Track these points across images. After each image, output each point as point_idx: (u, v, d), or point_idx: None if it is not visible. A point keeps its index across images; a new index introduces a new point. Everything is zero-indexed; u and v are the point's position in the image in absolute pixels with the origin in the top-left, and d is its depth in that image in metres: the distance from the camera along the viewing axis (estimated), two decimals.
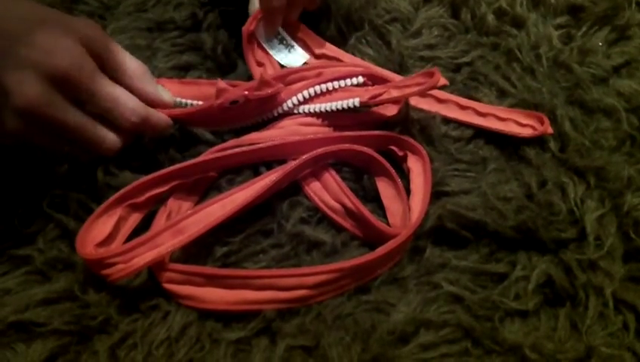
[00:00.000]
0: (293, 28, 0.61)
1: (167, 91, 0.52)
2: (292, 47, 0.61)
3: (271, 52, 0.60)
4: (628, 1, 0.67)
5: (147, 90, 0.50)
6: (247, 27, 0.58)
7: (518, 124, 0.57)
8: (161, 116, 0.51)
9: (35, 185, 0.51)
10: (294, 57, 0.61)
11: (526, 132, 0.57)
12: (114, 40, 0.49)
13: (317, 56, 0.62)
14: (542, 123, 0.57)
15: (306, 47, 0.62)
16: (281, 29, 0.60)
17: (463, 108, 0.58)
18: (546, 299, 0.51)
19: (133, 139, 0.51)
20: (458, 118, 0.58)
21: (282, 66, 0.60)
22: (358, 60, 0.62)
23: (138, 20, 0.62)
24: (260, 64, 0.59)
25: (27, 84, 0.43)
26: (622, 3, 0.67)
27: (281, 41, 0.60)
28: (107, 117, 0.48)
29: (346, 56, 0.62)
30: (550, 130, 0.57)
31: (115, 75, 0.48)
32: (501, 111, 0.58)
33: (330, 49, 0.62)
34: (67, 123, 0.45)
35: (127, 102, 0.48)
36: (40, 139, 0.46)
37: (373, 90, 0.54)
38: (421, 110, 0.57)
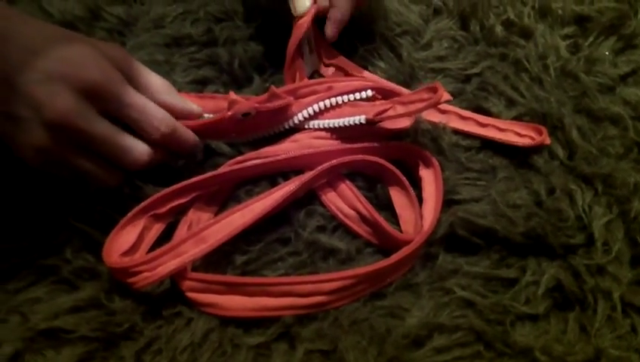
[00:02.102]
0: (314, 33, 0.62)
1: (193, 104, 0.53)
2: (312, 51, 0.62)
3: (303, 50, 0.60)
4: (634, 10, 0.68)
5: (175, 103, 0.51)
6: (306, 22, 0.56)
7: (517, 134, 0.58)
8: (188, 130, 0.52)
9: (62, 198, 0.52)
10: (313, 61, 0.62)
11: (524, 142, 0.58)
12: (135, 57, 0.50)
13: (326, 65, 0.63)
14: (540, 134, 0.58)
15: (319, 55, 0.64)
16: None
17: (463, 119, 0.60)
18: (556, 303, 0.51)
19: (161, 157, 0.51)
20: (458, 128, 0.59)
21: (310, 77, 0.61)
22: (365, 73, 0.63)
23: (156, 36, 0.63)
24: (293, 76, 0.60)
25: (58, 97, 0.43)
26: (628, 12, 0.68)
27: (309, 42, 0.61)
28: (136, 128, 0.48)
29: (353, 67, 0.63)
30: (548, 140, 0.58)
31: (141, 92, 0.49)
32: (501, 122, 0.59)
33: (341, 60, 0.63)
34: (95, 134, 0.46)
35: (156, 113, 0.48)
36: (68, 154, 0.47)
37: (380, 105, 0.55)
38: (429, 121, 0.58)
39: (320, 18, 0.59)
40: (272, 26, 0.63)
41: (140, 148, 0.49)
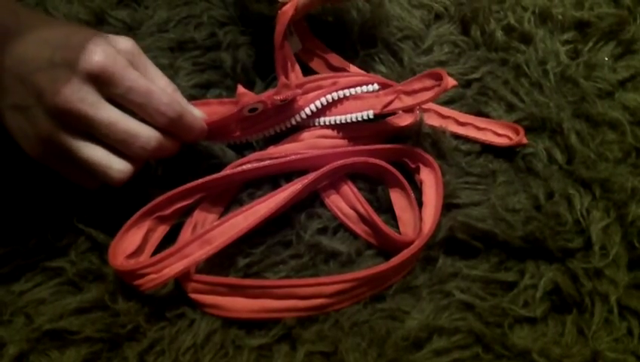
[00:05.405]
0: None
1: (195, 108, 0.52)
2: (292, 33, 0.61)
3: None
4: (633, 16, 0.68)
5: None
6: (290, 8, 0.54)
7: (495, 133, 0.59)
8: (195, 117, 0.50)
9: (67, 200, 0.53)
10: (295, 42, 0.61)
11: (502, 141, 0.58)
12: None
13: (307, 51, 0.63)
14: (517, 133, 0.58)
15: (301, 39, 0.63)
16: None
17: (443, 117, 0.60)
18: (554, 305, 0.52)
19: (169, 146, 0.49)
20: (437, 126, 0.58)
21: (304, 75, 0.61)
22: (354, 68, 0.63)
23: (160, 40, 0.63)
24: (285, 70, 0.59)
25: (60, 82, 0.42)
26: (627, 18, 0.68)
27: (289, 26, 0.59)
28: (142, 114, 0.46)
29: (336, 58, 0.62)
30: (525, 140, 0.58)
31: None
32: (480, 121, 0.60)
33: (322, 49, 0.63)
34: (100, 119, 0.44)
35: (162, 97, 0.46)
36: (71, 143, 0.45)
37: (384, 96, 0.55)
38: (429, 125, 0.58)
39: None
40: (274, 31, 0.63)
41: (148, 134, 0.46)
